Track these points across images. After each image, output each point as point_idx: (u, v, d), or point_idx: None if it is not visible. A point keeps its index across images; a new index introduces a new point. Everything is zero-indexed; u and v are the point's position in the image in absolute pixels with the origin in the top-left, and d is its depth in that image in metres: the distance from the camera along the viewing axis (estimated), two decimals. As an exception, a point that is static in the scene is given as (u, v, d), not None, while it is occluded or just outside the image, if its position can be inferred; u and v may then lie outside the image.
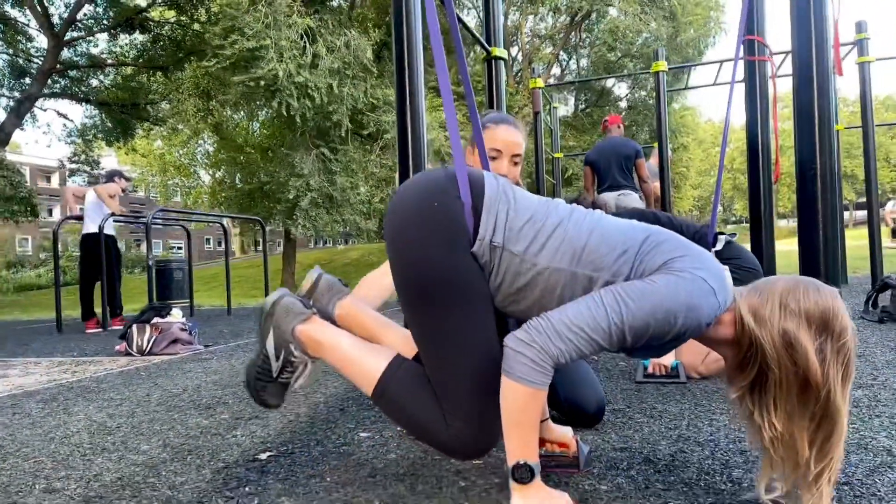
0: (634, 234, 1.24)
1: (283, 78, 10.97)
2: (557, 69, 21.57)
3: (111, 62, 15.59)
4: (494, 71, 3.85)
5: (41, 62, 14.02)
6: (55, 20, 13.92)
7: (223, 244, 8.14)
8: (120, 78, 15.95)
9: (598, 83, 20.52)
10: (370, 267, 2.37)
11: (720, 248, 2.79)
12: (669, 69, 6.88)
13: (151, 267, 6.39)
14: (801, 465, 1.14)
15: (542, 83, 7.52)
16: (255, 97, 12.66)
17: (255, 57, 11.02)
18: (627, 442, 1.76)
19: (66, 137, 17.64)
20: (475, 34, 3.51)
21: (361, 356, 1.37)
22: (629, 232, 1.24)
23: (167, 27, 14.77)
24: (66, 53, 14.70)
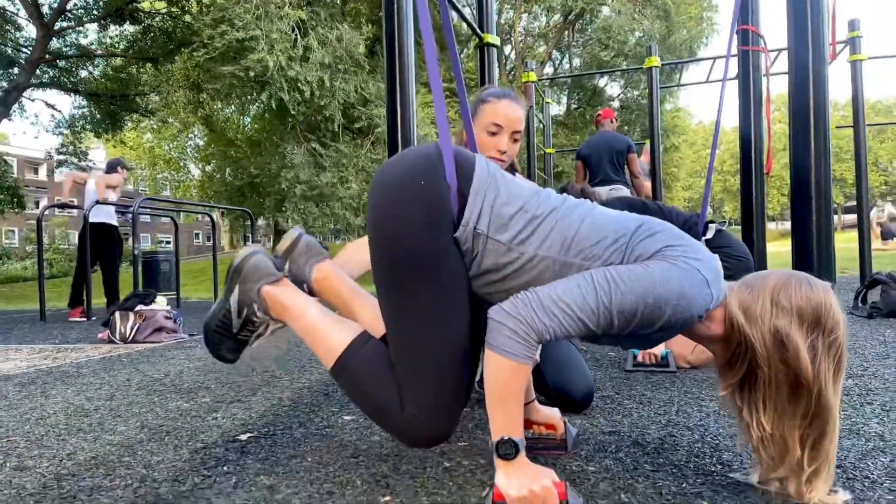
0: (626, 223, 1.20)
1: (273, 69, 10.87)
2: (550, 68, 21.52)
3: (101, 53, 15.41)
4: (487, 58, 3.81)
5: (30, 52, 13.84)
6: (45, 10, 13.75)
7: (212, 240, 8.12)
8: (109, 69, 15.79)
9: (590, 82, 20.50)
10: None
11: (710, 236, 2.76)
12: (662, 65, 6.87)
13: (137, 258, 6.30)
14: (793, 464, 1.11)
15: (535, 77, 7.49)
16: (245, 90, 12.55)
17: (244, 48, 10.92)
18: (616, 426, 1.73)
19: (54, 128, 17.48)
20: (467, 19, 3.47)
21: (327, 328, 1.32)
22: (621, 221, 1.20)
23: (158, 18, 14.61)
24: (55, 43, 14.52)
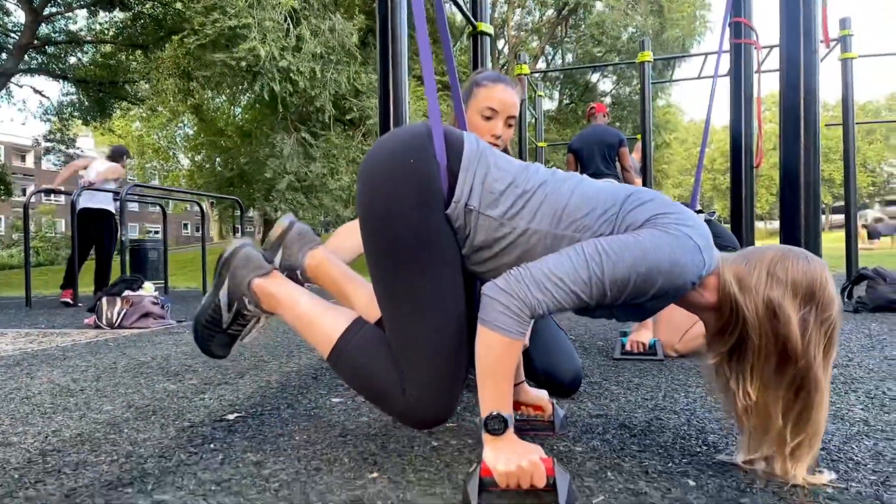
0: (616, 193, 1.20)
1: (265, 59, 10.80)
2: (543, 63, 21.54)
3: (90, 39, 15.25)
4: (480, 47, 3.81)
5: (18, 37, 13.67)
6: (34, -5, 13.59)
7: (201, 230, 8.05)
8: (98, 55, 15.62)
9: (582, 78, 20.56)
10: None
11: None
12: (655, 60, 6.88)
13: (125, 245, 6.25)
14: (771, 434, 1.13)
15: (528, 69, 7.47)
16: (236, 79, 12.46)
17: (236, 35, 10.84)
18: (604, 410, 1.73)
19: (42, 115, 17.30)
20: (461, 6, 3.46)
21: (320, 316, 1.31)
22: (611, 191, 1.20)
23: (148, 5, 14.45)
24: (43, 29, 14.35)
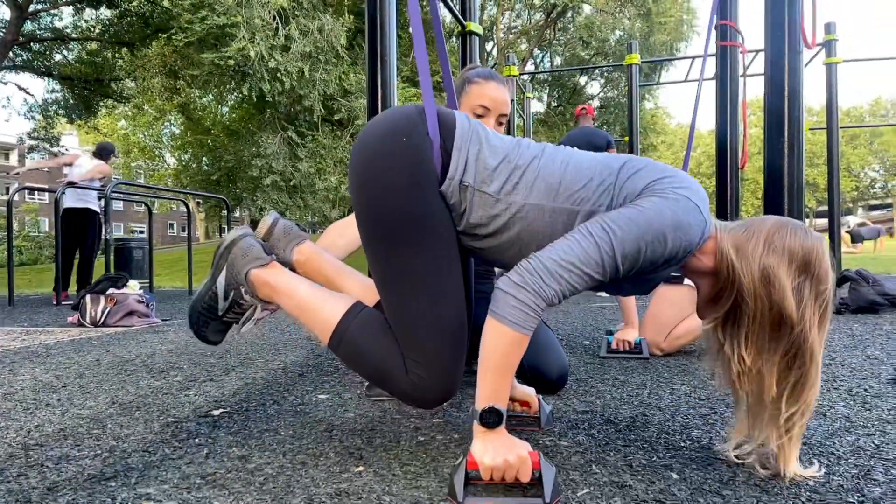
0: (610, 163, 1.21)
1: (255, 60, 10.75)
2: (532, 66, 21.63)
3: (76, 36, 15.12)
4: (469, 47, 3.81)
5: (3, 34, 13.53)
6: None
7: (187, 230, 7.97)
8: (84, 53, 15.50)
9: (570, 81, 20.66)
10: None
11: None
12: (643, 62, 6.93)
13: (109, 243, 6.18)
14: (765, 402, 1.14)
15: (516, 71, 7.50)
16: (224, 78, 12.40)
17: (225, 34, 10.78)
18: (589, 406, 1.74)
19: (26, 112, 17.13)
20: (450, 6, 3.47)
21: (319, 302, 1.31)
22: (605, 161, 1.22)
23: (135, 2, 14.36)
24: (29, 26, 14.24)
